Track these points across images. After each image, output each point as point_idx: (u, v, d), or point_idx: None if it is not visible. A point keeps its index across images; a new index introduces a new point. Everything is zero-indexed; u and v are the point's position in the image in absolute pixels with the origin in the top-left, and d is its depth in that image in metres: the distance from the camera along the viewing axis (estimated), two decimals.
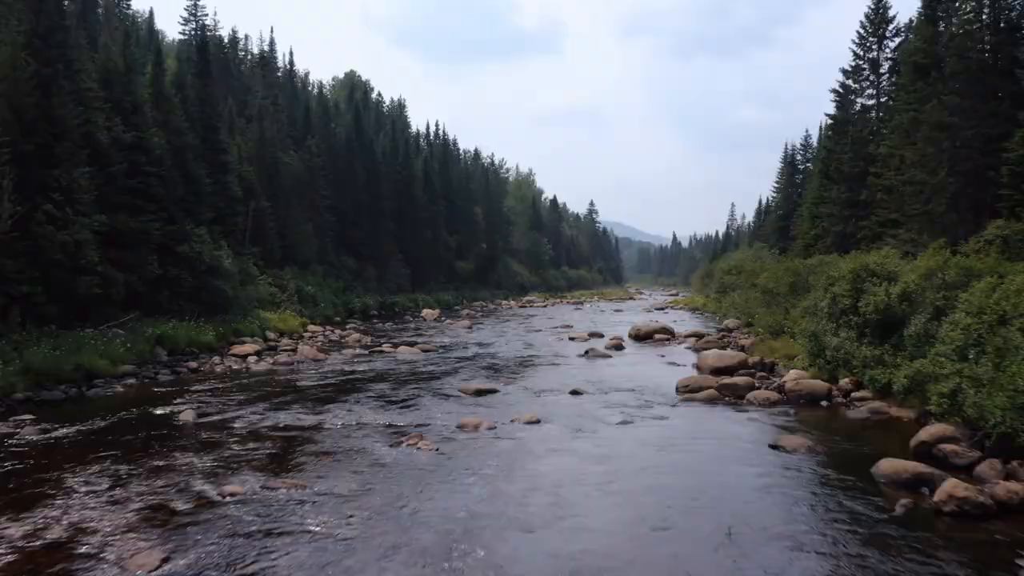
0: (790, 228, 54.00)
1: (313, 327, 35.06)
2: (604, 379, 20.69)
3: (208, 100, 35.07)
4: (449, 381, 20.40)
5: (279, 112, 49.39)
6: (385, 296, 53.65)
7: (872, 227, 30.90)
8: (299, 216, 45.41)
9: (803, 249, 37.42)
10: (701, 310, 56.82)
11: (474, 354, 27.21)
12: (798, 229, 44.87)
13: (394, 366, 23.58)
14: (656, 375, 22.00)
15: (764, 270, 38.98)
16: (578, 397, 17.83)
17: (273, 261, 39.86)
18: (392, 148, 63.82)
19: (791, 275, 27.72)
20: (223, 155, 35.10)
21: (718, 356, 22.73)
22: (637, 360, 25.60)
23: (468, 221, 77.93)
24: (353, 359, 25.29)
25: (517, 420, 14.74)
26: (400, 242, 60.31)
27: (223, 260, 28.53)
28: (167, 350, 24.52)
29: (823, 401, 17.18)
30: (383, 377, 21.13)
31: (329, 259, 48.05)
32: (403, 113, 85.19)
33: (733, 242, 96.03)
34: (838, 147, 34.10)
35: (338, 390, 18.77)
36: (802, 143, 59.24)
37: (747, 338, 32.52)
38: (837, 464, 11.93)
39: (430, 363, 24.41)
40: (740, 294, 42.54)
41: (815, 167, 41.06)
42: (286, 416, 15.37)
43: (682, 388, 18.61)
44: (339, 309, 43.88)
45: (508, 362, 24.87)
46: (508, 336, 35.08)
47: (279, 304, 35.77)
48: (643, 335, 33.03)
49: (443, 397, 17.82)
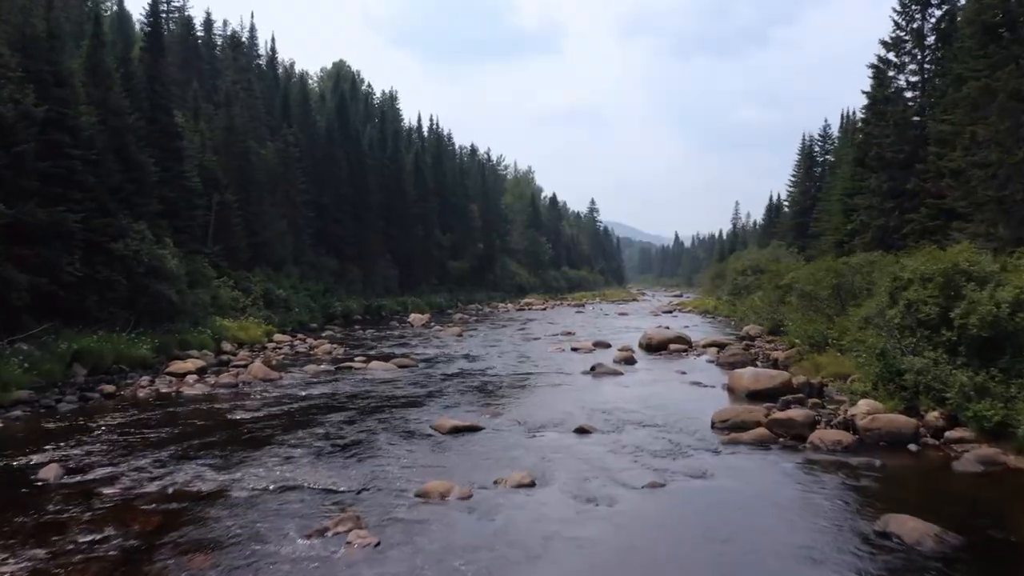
0: (808, 225, 49.97)
1: (280, 336, 30.84)
2: (616, 407, 16.49)
3: (160, 78, 30.84)
4: (422, 411, 16.20)
5: (254, 99, 45.17)
6: (371, 299, 49.45)
7: (922, 219, 26.74)
8: (273, 211, 41.21)
9: (835, 246, 33.20)
10: (712, 313, 52.63)
11: (460, 370, 23.00)
12: (823, 224, 40.67)
13: (360, 388, 19.37)
14: (681, 400, 17.80)
15: (790, 270, 34.82)
16: (586, 437, 13.63)
17: (239, 261, 35.67)
18: (380, 140, 59.56)
19: (833, 276, 23.52)
20: (178, 141, 30.88)
21: (755, 376, 18.52)
22: (653, 378, 21.39)
23: (463, 219, 73.66)
24: (313, 378, 21.07)
25: (502, 483, 10.53)
26: (389, 240, 56.10)
27: (166, 260, 24.30)
28: (88, 368, 20.32)
29: (910, 444, 12.98)
30: (340, 405, 16.92)
31: (307, 259, 43.83)
32: (394, 105, 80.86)
33: (741, 241, 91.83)
34: (877, 130, 29.85)
35: (276, 427, 14.56)
36: (820, 134, 55.08)
37: (776, 348, 28.32)
38: (989, 566, 7.76)
39: (405, 384, 20.20)
40: (760, 296, 38.38)
41: (848, 155, 36.76)
42: (187, 472, 11.18)
43: (720, 423, 14.41)
44: (316, 314, 39.68)
45: (499, 382, 20.65)
46: (502, 346, 30.86)
47: (243, 310, 31.57)
48: (656, 345, 28.82)
49: (409, 437, 13.61)
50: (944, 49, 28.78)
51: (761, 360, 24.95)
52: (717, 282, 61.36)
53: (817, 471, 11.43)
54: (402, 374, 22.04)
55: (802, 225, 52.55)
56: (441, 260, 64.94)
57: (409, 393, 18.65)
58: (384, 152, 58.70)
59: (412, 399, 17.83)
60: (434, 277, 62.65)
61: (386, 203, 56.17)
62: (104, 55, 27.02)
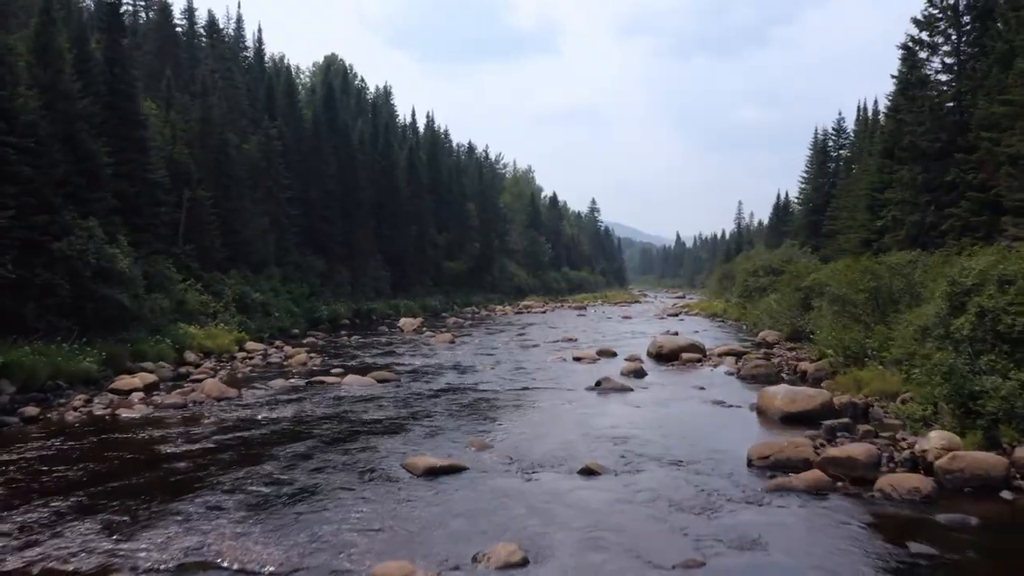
0: (822, 223, 47.28)
1: (253, 344, 28.11)
2: (628, 435, 13.79)
3: (120, 62, 28.11)
4: (396, 440, 13.50)
5: (234, 90, 42.46)
6: (360, 302, 46.69)
7: (963, 214, 24.04)
8: (254, 209, 38.49)
9: (861, 245, 30.49)
10: (722, 317, 49.92)
11: (448, 385, 20.28)
12: (843, 222, 37.96)
13: (328, 409, 16.65)
14: (704, 426, 15.09)
15: (810, 271, 32.11)
16: (593, 481, 10.92)
17: (213, 262, 32.95)
18: (372, 134, 56.79)
19: (870, 279, 20.79)
20: (140, 130, 28.15)
21: (790, 396, 15.79)
22: (667, 395, 18.65)
23: (460, 218, 70.87)
24: (277, 396, 18.35)
25: (484, 560, 7.79)
26: (380, 240, 53.33)
27: (118, 260, 21.58)
28: (17, 385, 17.59)
29: (1003, 491, 10.28)
30: (299, 433, 14.20)
31: (291, 259, 41.07)
32: (389, 101, 78.10)
33: (747, 241, 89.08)
34: (910, 117, 27.13)
35: (212, 466, 11.84)
36: (834, 128, 52.34)
37: (801, 357, 25.62)
38: None
39: (382, 403, 17.48)
40: (777, 299, 35.67)
41: (871, 147, 34.04)
42: (73, 538, 8.50)
43: (759, 460, 11.70)
44: (299, 319, 36.93)
45: (490, 401, 17.93)
46: (498, 354, 28.14)
47: (214, 315, 28.85)
48: (666, 354, 26.11)
49: (373, 481, 10.91)
50: (983, 27, 26.09)
51: (787, 372, 22.25)
52: (725, 284, 58.66)
53: (898, 534, 8.72)
54: (381, 390, 19.31)
55: (815, 224, 49.86)
56: (436, 261, 62.17)
57: (384, 416, 15.92)
58: (376, 147, 55.96)
59: (386, 424, 15.11)
60: (428, 279, 59.89)
61: (377, 200, 53.44)
62: (55, 34, 24.30)
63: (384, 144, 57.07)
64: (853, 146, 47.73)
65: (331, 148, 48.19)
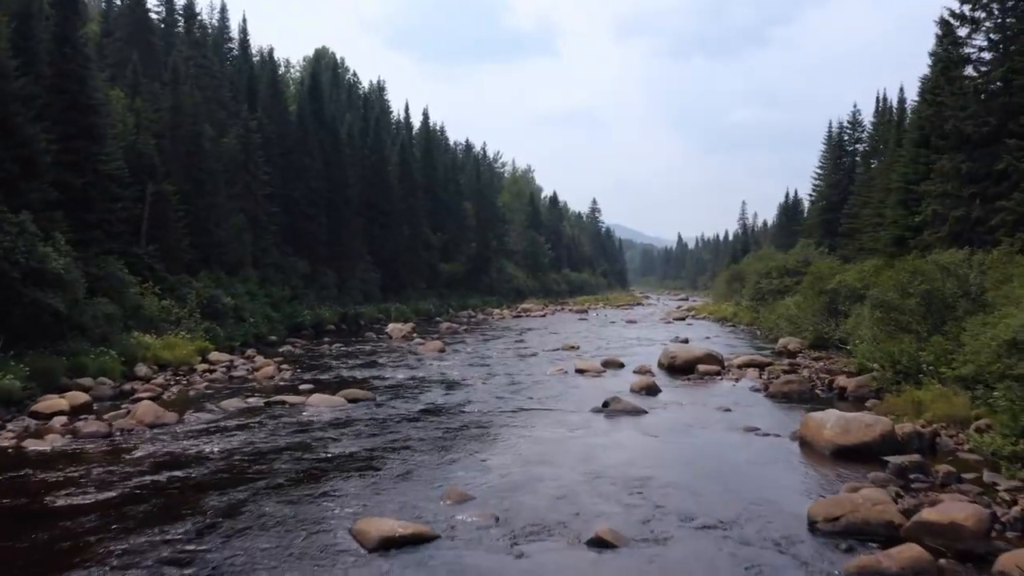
0: (838, 221, 44.44)
1: (218, 355, 25.22)
2: (649, 481, 10.94)
3: (72, 42, 25.24)
4: (352, 486, 10.67)
5: (211, 79, 39.63)
6: (348, 306, 43.78)
7: (1017, 207, 21.19)
8: (230, 205, 35.63)
9: (893, 243, 27.64)
10: (732, 321, 47.02)
11: (430, 406, 17.40)
12: (866, 219, 35.09)
13: (279, 440, 13.79)
14: (741, 464, 12.22)
15: (834, 271, 29.28)
16: (608, 557, 8.06)
17: (180, 263, 30.07)
18: (362, 129, 53.89)
19: (921, 281, 17.92)
20: (94, 117, 25.27)
21: (842, 425, 12.92)
22: (689, 420, 15.77)
23: (456, 217, 67.88)
24: (224, 422, 15.47)
25: None
26: (370, 240, 50.42)
27: (51, 260, 18.71)
28: None
29: None
30: (231, 477, 11.34)
31: (271, 260, 38.16)
32: (382, 96, 75.17)
33: (754, 242, 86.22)
34: (952, 100, 24.27)
35: (108, 527, 8.99)
36: (849, 121, 49.46)
37: (830, 368, 22.78)
38: None
39: (346, 431, 14.62)
40: (795, 301, 32.84)
41: (895, 137, 31.17)
42: None
43: (826, 522, 8.84)
44: (277, 325, 34.05)
45: (477, 429, 15.04)
46: (492, 365, 25.28)
47: (176, 322, 25.99)
48: (680, 365, 23.24)
49: (308, 558, 8.04)
50: None
51: (821, 388, 19.37)
52: (734, 286, 55.75)
53: None
54: (351, 412, 16.44)
55: (830, 222, 46.99)
56: (430, 262, 59.19)
57: (346, 450, 13.05)
58: (366, 142, 53.05)
59: (346, 462, 12.24)
60: (422, 281, 56.93)
61: (367, 198, 50.54)
62: None
63: (375, 139, 54.18)
64: (872, 139, 44.86)
65: (317, 142, 45.30)
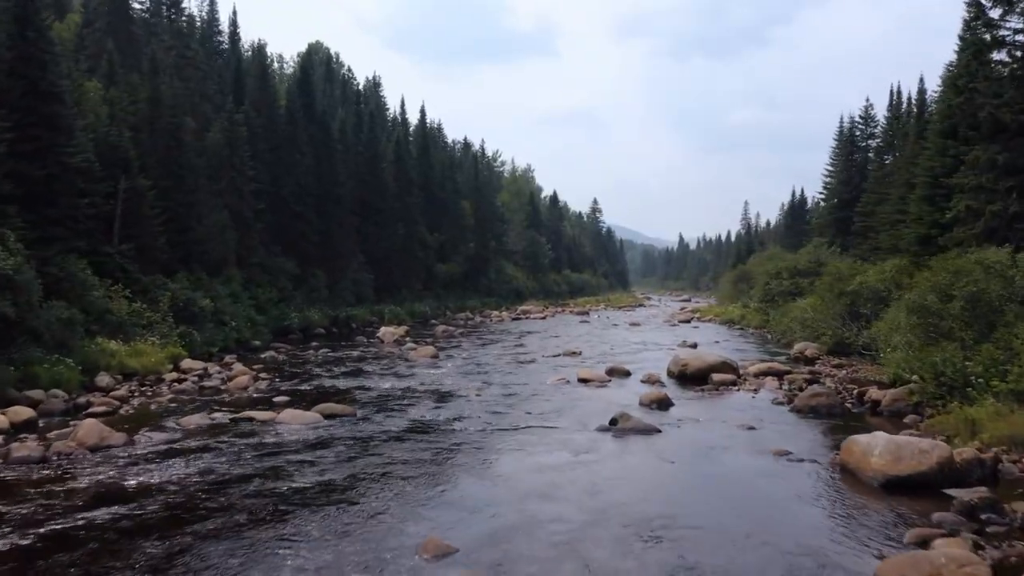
0: (851, 220, 42.57)
1: (191, 362, 23.35)
2: (671, 523, 9.08)
3: (36, 25, 23.37)
4: (313, 530, 8.79)
5: (195, 71, 37.79)
6: (339, 309, 41.89)
7: None
8: (214, 202, 33.76)
9: (918, 242, 25.75)
10: (740, 324, 45.11)
11: (415, 423, 15.52)
12: (884, 216, 33.19)
13: (236, 469, 11.92)
14: (778, 500, 10.36)
15: (855, 272, 27.41)
16: None
17: (157, 263, 28.19)
18: (356, 124, 51.99)
19: (965, 284, 16.03)
20: (56, 105, 23.39)
21: (891, 450, 11.06)
22: (709, 440, 13.87)
23: (453, 216, 65.90)
24: (180, 444, 13.60)
25: None
26: (363, 239, 48.52)
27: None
28: None
29: None
30: (167, 519, 9.47)
31: (256, 260, 36.25)
32: (378, 92, 73.24)
33: (759, 242, 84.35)
34: (986, 86, 22.39)
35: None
36: (861, 115, 47.59)
37: (856, 377, 20.91)
38: None
39: (315, 457, 12.74)
40: (810, 303, 30.96)
41: (932, 126, 29.25)
42: None
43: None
44: (262, 329, 32.16)
45: (466, 453, 13.15)
46: (487, 373, 23.40)
47: (147, 326, 24.11)
48: (692, 374, 21.36)
49: None
50: None
51: (852, 401, 17.49)
52: (741, 287, 53.86)
53: None
54: (325, 431, 14.56)
55: (842, 220, 45.12)
56: (426, 262, 57.25)
57: (311, 482, 11.17)
58: (359, 138, 51.14)
59: (310, 497, 10.38)
60: (418, 282, 55.02)
61: (360, 196, 48.66)
62: None
63: (369, 135, 52.27)
64: (886, 134, 42.99)
65: (307, 137, 43.41)
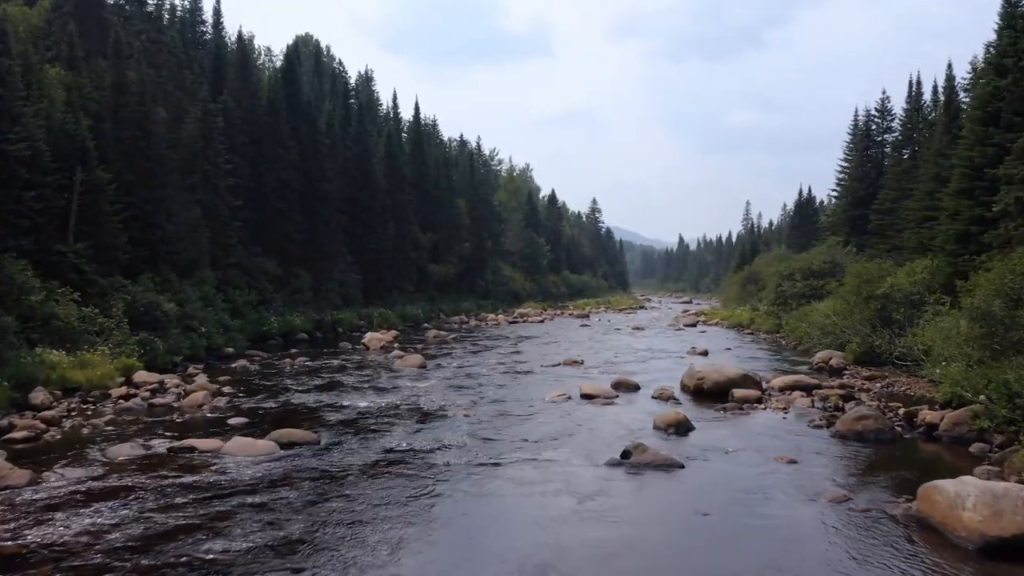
0: (867, 218, 40.15)
1: (146, 374, 20.80)
2: None
3: None
4: None
5: (168, 56, 35.27)
6: (324, 312, 39.36)
7: None
8: (186, 198, 31.27)
9: (957, 240, 23.31)
10: (750, 328, 42.65)
11: (387, 455, 13.02)
12: (909, 214, 30.74)
13: (159, 519, 9.45)
14: (850, 570, 7.87)
15: (883, 273, 24.94)
16: None
17: (117, 264, 25.68)
18: (344, 117, 49.43)
19: None
20: None
21: (988, 502, 8.62)
22: (744, 480, 11.39)
23: (448, 215, 63.30)
24: (100, 480, 11.14)
25: None
26: (352, 239, 45.96)
27: None
28: None
29: None
30: None
31: (233, 261, 33.69)
32: (370, 86, 70.62)
33: (764, 242, 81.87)
34: None
35: None
36: (877, 108, 45.13)
37: (896, 392, 18.48)
38: None
39: (260, 503, 10.28)
40: (832, 307, 28.51)
41: (971, 111, 26.84)
42: None
43: None
44: (236, 335, 29.63)
45: (446, 502, 10.65)
46: (479, 387, 20.90)
47: (99, 333, 21.60)
48: (710, 389, 18.89)
49: None
50: None
51: (900, 423, 15.02)
52: (749, 289, 51.37)
53: None
54: (276, 466, 12.07)
55: (857, 219, 42.66)
56: (419, 263, 54.68)
57: (247, 544, 8.68)
58: (348, 132, 48.59)
59: (242, 568, 7.88)
60: (410, 283, 52.42)
61: (349, 193, 46.12)
62: None
63: (358, 129, 49.72)
64: (904, 127, 40.53)
65: (290, 130, 40.88)
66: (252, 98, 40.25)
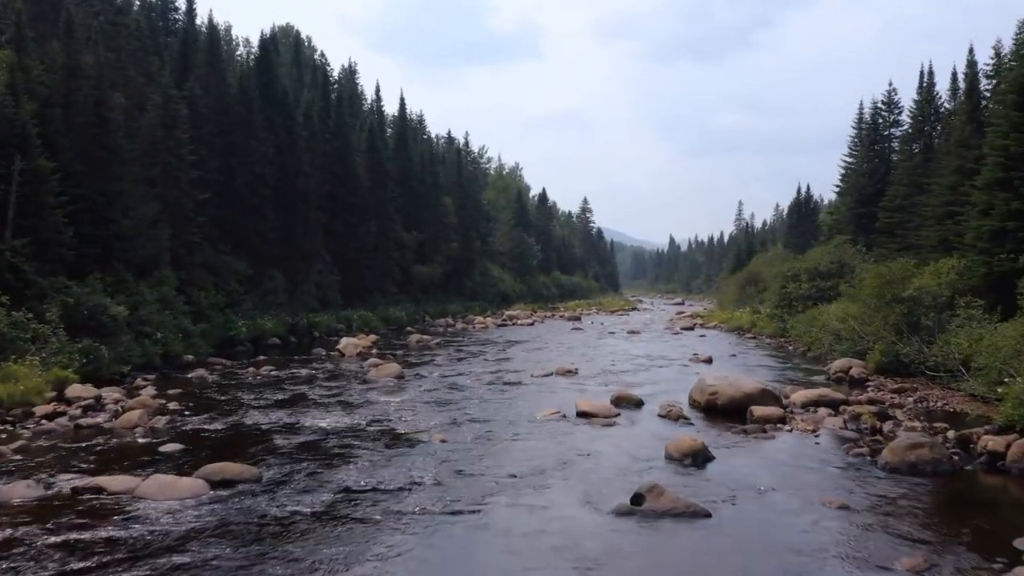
0: (875, 216, 38.04)
1: (82, 388, 18.25)
2: None
3: None
4: None
5: (128, 39, 32.68)
6: (299, 315, 36.84)
7: None
8: (141, 191, 28.72)
9: (989, 238, 21.11)
10: (752, 332, 40.45)
11: (342, 497, 10.62)
12: (932, 210, 28.53)
13: None
14: None
15: (906, 274, 22.69)
16: None
17: (62, 263, 23.15)
18: (323, 109, 46.85)
19: None
20: None
21: None
22: (789, 536, 9.07)
23: (434, 214, 60.82)
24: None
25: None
26: (330, 238, 43.44)
27: None
28: None
29: None
30: None
31: (197, 260, 31.08)
32: (353, 79, 68.02)
33: (760, 242, 79.83)
34: None
35: None
36: (884, 100, 43.00)
37: (945, 410, 16.25)
38: None
39: (172, 570, 7.83)
40: (846, 310, 26.32)
41: (1003, 95, 24.69)
42: None
43: None
44: (197, 342, 27.10)
45: (410, 561, 8.25)
46: (462, 401, 18.52)
47: (33, 340, 19.07)
48: (723, 406, 16.61)
49: None
50: None
51: (956, 451, 12.75)
52: (749, 290, 49.20)
53: None
54: (201, 515, 9.66)
55: (865, 216, 40.54)
56: (403, 263, 52.15)
57: None
58: (327, 125, 46.06)
59: None
60: (393, 285, 49.86)
61: (328, 189, 43.58)
62: None
63: (338, 121, 47.20)
64: (915, 120, 38.39)
65: (264, 121, 38.34)
66: (222, 86, 37.69)
